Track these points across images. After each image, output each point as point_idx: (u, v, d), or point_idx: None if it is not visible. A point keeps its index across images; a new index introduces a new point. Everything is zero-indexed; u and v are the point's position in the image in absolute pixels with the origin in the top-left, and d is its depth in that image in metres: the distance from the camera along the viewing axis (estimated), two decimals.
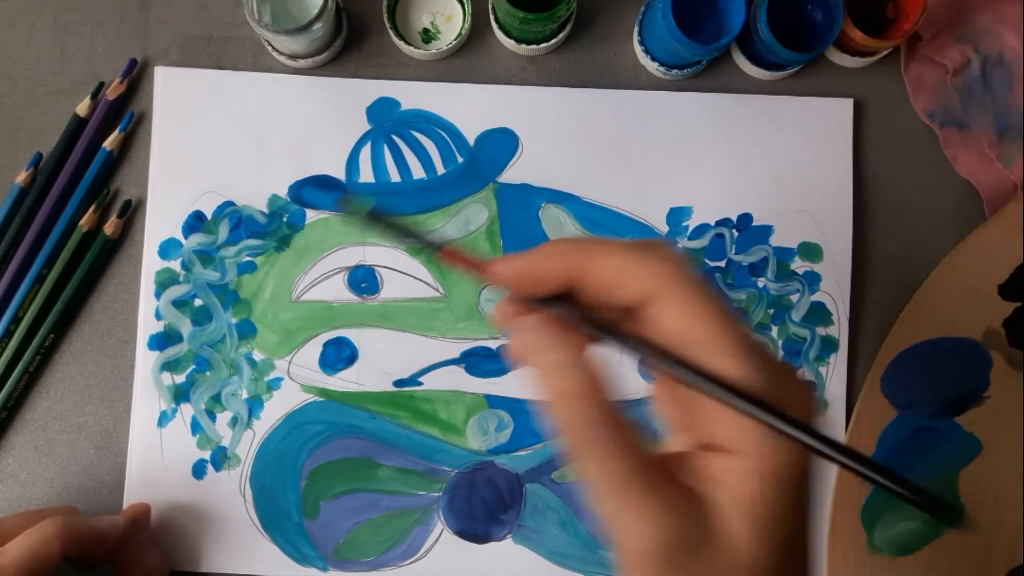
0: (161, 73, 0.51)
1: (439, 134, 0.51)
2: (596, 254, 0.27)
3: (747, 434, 0.25)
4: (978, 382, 0.51)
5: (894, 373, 0.51)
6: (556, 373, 0.27)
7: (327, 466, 0.50)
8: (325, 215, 0.51)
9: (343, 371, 0.50)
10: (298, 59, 0.50)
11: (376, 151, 0.51)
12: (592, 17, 0.52)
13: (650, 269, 0.26)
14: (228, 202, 0.50)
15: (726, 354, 0.25)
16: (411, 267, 0.51)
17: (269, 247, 0.50)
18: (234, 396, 0.50)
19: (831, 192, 0.51)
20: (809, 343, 0.51)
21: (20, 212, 0.50)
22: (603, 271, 0.27)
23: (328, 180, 0.51)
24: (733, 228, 0.51)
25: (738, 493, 0.25)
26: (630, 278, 0.27)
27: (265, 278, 0.50)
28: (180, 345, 0.50)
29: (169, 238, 0.50)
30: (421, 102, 0.51)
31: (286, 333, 0.50)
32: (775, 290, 0.51)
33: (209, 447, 0.50)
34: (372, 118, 0.51)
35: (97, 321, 0.51)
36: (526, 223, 0.51)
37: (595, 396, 0.26)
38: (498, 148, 0.51)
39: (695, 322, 0.25)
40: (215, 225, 0.50)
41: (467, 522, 0.50)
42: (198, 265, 0.50)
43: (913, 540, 0.51)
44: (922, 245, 0.52)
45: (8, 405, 0.50)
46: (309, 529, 0.50)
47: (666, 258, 0.26)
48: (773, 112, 0.52)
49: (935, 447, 0.51)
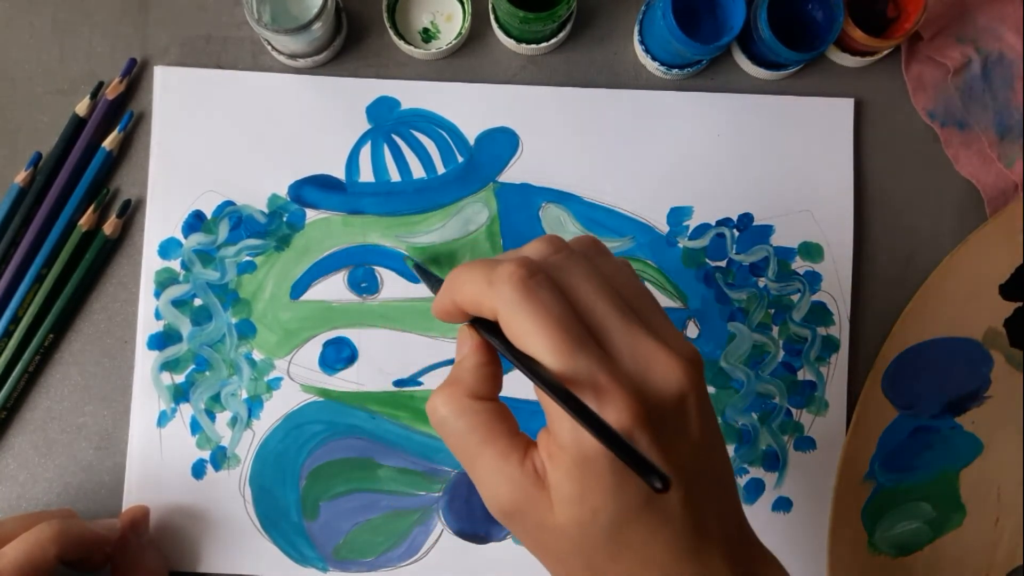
0: (161, 72, 0.51)
1: (439, 133, 0.51)
2: (457, 288, 0.33)
3: (557, 421, 0.31)
4: (979, 382, 0.51)
5: (895, 373, 0.51)
6: (461, 367, 0.34)
7: (327, 466, 0.50)
8: (325, 214, 0.50)
9: (343, 371, 0.50)
10: (298, 59, 0.50)
11: (376, 151, 0.51)
12: (592, 17, 0.52)
13: (487, 294, 0.32)
14: (228, 201, 0.50)
15: (543, 354, 0.30)
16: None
17: (269, 247, 0.50)
18: (234, 396, 0.50)
19: (832, 192, 0.51)
20: (810, 343, 0.51)
21: (19, 212, 0.50)
22: (466, 303, 0.33)
23: (328, 180, 0.51)
24: (734, 228, 0.51)
25: (557, 468, 0.31)
26: (480, 304, 0.32)
27: (265, 278, 0.50)
28: (180, 345, 0.50)
29: (169, 238, 0.50)
30: (421, 101, 0.51)
31: (286, 333, 0.50)
32: (776, 290, 0.51)
33: (209, 447, 0.50)
34: (372, 117, 0.51)
35: (97, 321, 0.51)
36: (526, 223, 0.51)
37: (478, 388, 0.33)
38: (498, 147, 0.51)
39: (523, 336, 0.31)
40: (215, 225, 0.50)
41: (467, 522, 0.50)
42: (198, 265, 0.50)
43: (914, 540, 0.51)
44: (923, 244, 0.52)
45: (8, 405, 0.50)
46: (309, 529, 0.50)
47: (500, 280, 0.31)
48: (774, 112, 0.52)
49: (936, 447, 0.51)
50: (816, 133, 0.52)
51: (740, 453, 0.51)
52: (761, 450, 0.51)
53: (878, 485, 0.51)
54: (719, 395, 0.51)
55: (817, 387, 0.51)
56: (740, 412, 0.51)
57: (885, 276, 0.52)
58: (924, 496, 0.51)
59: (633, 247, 0.51)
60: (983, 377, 0.51)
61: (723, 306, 0.51)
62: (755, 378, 0.51)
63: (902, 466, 0.51)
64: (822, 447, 0.51)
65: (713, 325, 0.51)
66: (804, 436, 0.51)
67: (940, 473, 0.51)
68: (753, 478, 0.51)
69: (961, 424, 0.51)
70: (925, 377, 0.51)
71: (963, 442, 0.51)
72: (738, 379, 0.51)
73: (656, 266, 0.51)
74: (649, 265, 0.51)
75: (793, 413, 0.51)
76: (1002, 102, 0.52)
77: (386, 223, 0.51)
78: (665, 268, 0.51)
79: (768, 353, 0.51)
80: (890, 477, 0.51)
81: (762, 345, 0.51)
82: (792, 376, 0.51)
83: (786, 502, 0.51)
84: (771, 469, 0.51)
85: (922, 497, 0.51)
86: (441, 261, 0.50)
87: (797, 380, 0.51)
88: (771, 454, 0.51)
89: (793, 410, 0.51)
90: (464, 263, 0.37)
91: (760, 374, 0.51)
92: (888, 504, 0.51)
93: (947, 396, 0.51)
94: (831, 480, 0.51)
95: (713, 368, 0.51)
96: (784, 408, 0.51)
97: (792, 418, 0.51)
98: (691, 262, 0.51)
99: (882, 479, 0.51)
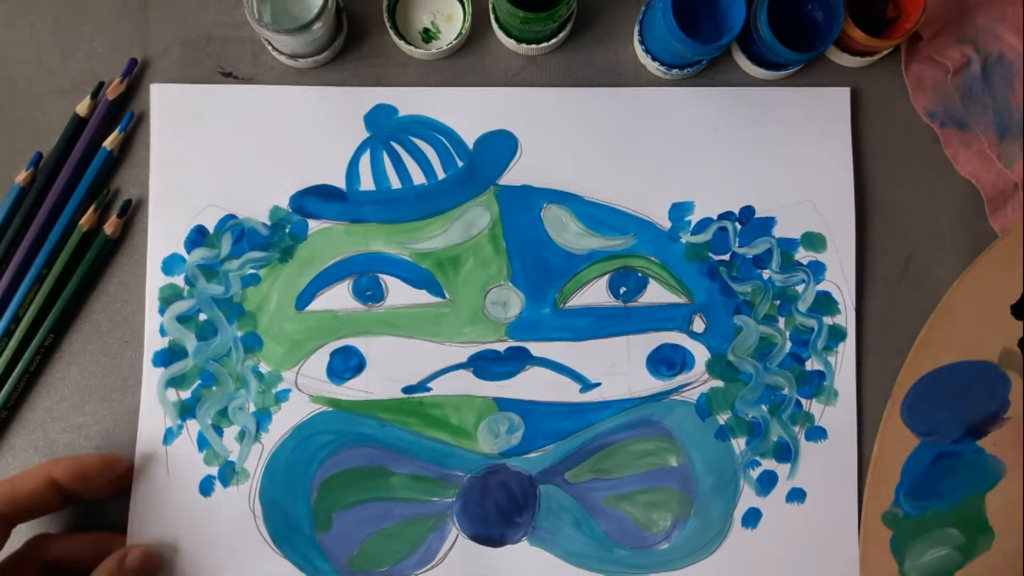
0: (157, 89, 0.51)
1: (438, 139, 0.51)
2: None
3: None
4: (998, 404, 0.51)
5: (913, 401, 0.51)
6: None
7: (338, 476, 0.49)
8: (327, 224, 0.50)
9: (351, 380, 0.50)
10: (298, 59, 0.50)
11: (375, 158, 0.51)
12: (592, 17, 0.52)
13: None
14: (230, 215, 0.50)
15: None
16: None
17: (272, 259, 0.50)
18: (241, 410, 0.50)
19: (832, 181, 0.52)
20: (817, 333, 0.51)
21: (20, 212, 0.50)
22: None
23: (329, 189, 0.51)
24: (736, 221, 0.51)
25: None
26: None
27: (269, 290, 0.50)
28: (185, 361, 0.50)
29: (172, 254, 0.50)
30: (418, 107, 0.51)
31: (292, 344, 0.50)
32: (780, 281, 0.51)
33: (217, 463, 0.49)
34: (370, 125, 0.51)
35: (97, 321, 0.50)
36: (529, 224, 0.51)
37: None
38: (497, 150, 0.51)
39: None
40: (217, 239, 0.50)
41: (482, 526, 0.50)
42: (202, 279, 0.50)
43: (944, 567, 0.51)
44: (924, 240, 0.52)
45: (8, 405, 0.49)
46: (322, 542, 0.49)
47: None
48: (770, 103, 0.52)
49: (960, 472, 0.51)
50: (814, 123, 0.52)
51: (752, 446, 0.51)
52: (773, 442, 0.51)
53: (905, 514, 0.50)
54: (728, 388, 0.51)
55: (826, 376, 0.51)
56: (750, 404, 0.51)
57: (889, 266, 0.52)
58: (952, 522, 0.51)
59: (635, 244, 0.51)
60: (1001, 399, 0.51)
61: (728, 299, 0.51)
62: (763, 370, 0.51)
63: (927, 493, 0.51)
64: (833, 436, 0.51)
65: (719, 319, 0.51)
66: (815, 426, 0.51)
67: (966, 497, 0.51)
68: (766, 470, 0.51)
69: (983, 447, 0.51)
70: (943, 403, 0.51)
71: (986, 465, 0.51)
72: (746, 372, 0.51)
73: (660, 262, 0.51)
74: (652, 262, 0.51)
75: (803, 404, 0.51)
76: (1002, 102, 0.52)
77: (388, 230, 0.51)
78: (668, 264, 0.51)
79: (775, 345, 0.51)
80: (916, 505, 0.51)
81: (769, 337, 0.51)
82: (800, 367, 0.51)
83: (800, 493, 0.51)
84: (783, 460, 0.51)
85: (950, 523, 0.51)
86: (445, 266, 0.50)
87: (806, 370, 0.51)
88: (783, 445, 0.51)
89: (803, 400, 0.51)
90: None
91: (768, 366, 0.51)
92: (916, 533, 0.50)
93: (967, 420, 0.51)
94: (844, 469, 0.51)
95: (721, 362, 0.51)
96: (794, 399, 0.51)
97: (802, 409, 0.51)
98: (694, 257, 0.51)
99: (908, 508, 0.50)
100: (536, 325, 0.50)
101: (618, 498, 0.50)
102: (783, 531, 0.50)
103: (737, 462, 0.51)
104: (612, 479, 0.50)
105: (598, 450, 0.50)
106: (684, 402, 0.51)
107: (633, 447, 0.50)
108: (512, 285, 0.50)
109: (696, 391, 0.51)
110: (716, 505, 0.50)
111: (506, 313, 0.50)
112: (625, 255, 0.51)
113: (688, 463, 0.51)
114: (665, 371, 0.51)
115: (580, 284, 0.51)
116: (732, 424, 0.51)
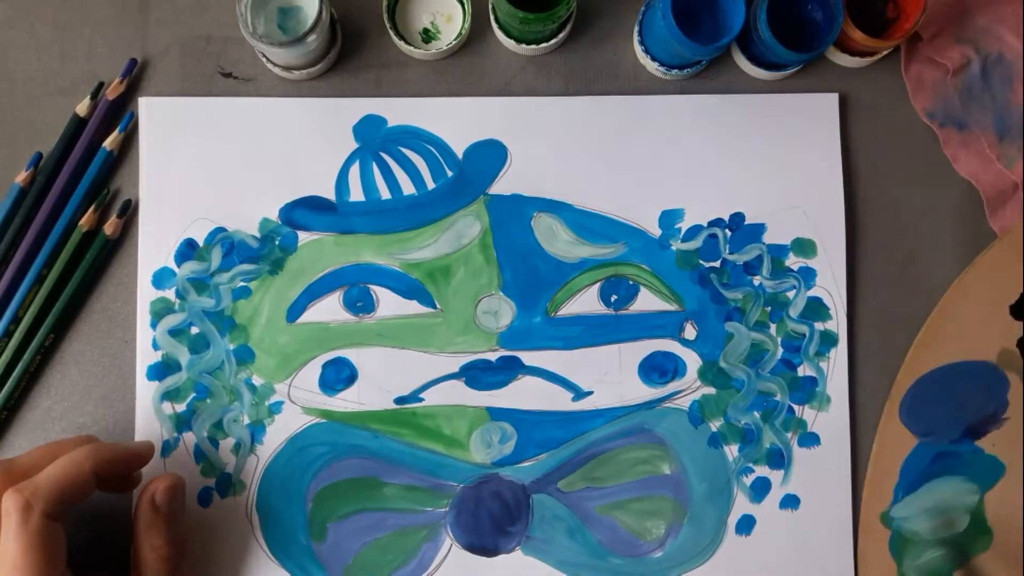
0: (145, 104, 0.51)
1: (427, 149, 0.51)
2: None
3: None
4: (996, 404, 0.51)
5: (911, 401, 0.51)
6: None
7: (332, 487, 0.50)
8: (317, 236, 0.50)
9: (343, 391, 0.50)
10: (292, 71, 0.50)
11: (365, 169, 0.51)
12: (592, 17, 0.52)
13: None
14: (219, 228, 0.50)
15: None
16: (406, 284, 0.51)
17: (263, 271, 0.50)
18: (236, 422, 0.50)
19: (822, 187, 0.51)
20: (808, 339, 0.51)
21: (20, 212, 0.50)
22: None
23: (318, 201, 0.51)
24: (726, 228, 0.51)
25: None
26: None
27: (260, 302, 0.50)
28: (179, 374, 0.50)
29: (162, 267, 0.50)
30: (407, 118, 0.51)
31: (284, 356, 0.50)
32: (771, 287, 0.51)
33: (214, 474, 0.50)
34: (359, 136, 0.51)
35: (97, 321, 0.51)
36: (519, 233, 0.51)
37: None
38: (487, 160, 0.51)
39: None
40: (207, 252, 0.50)
41: (475, 536, 0.50)
42: (192, 293, 0.50)
43: (943, 567, 0.51)
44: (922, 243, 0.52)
45: (8, 405, 0.50)
46: (318, 552, 0.49)
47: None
48: (758, 110, 0.52)
49: (959, 472, 0.51)
50: (802, 129, 0.52)
51: (744, 452, 0.51)
52: (765, 448, 0.51)
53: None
54: (720, 395, 0.51)
55: (818, 382, 0.51)
56: (742, 411, 0.51)
57: (882, 270, 0.52)
58: None
59: (626, 252, 0.51)
60: (1000, 399, 0.51)
61: (719, 306, 0.51)
62: (755, 376, 0.51)
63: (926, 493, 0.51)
64: (826, 442, 0.51)
65: (710, 326, 0.51)
66: (808, 432, 0.51)
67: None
68: (759, 477, 0.51)
69: (982, 447, 0.51)
70: (942, 403, 0.51)
71: (985, 465, 0.51)
72: (738, 378, 0.51)
73: (650, 270, 0.51)
74: (643, 269, 0.51)
75: (795, 410, 0.51)
76: (1001, 102, 0.52)
77: (379, 241, 0.51)
78: (659, 271, 0.51)
79: (767, 351, 0.51)
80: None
81: (760, 343, 0.51)
82: (792, 373, 0.51)
83: (794, 499, 0.51)
84: (776, 467, 0.51)
85: None
86: (435, 276, 0.50)
87: (797, 376, 0.51)
88: (775, 452, 0.51)
89: (795, 407, 0.51)
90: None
91: (760, 372, 0.51)
92: (914, 534, 0.50)
93: (966, 420, 0.51)
94: (837, 475, 0.50)
95: (713, 369, 0.51)
96: (786, 405, 0.51)
97: (795, 415, 0.51)
98: (685, 264, 0.51)
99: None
100: (528, 334, 0.50)
101: (611, 506, 0.50)
102: (777, 538, 0.50)
103: (730, 469, 0.51)
104: (605, 487, 0.50)
105: (591, 459, 0.50)
106: (676, 410, 0.51)
107: (626, 455, 0.50)
108: (503, 294, 0.50)
109: (688, 398, 0.51)
110: (710, 512, 0.50)
111: (497, 322, 0.50)
112: (616, 263, 0.51)
113: (681, 471, 0.51)
114: (657, 379, 0.51)
115: (571, 293, 0.51)
116: (725, 431, 0.51)
